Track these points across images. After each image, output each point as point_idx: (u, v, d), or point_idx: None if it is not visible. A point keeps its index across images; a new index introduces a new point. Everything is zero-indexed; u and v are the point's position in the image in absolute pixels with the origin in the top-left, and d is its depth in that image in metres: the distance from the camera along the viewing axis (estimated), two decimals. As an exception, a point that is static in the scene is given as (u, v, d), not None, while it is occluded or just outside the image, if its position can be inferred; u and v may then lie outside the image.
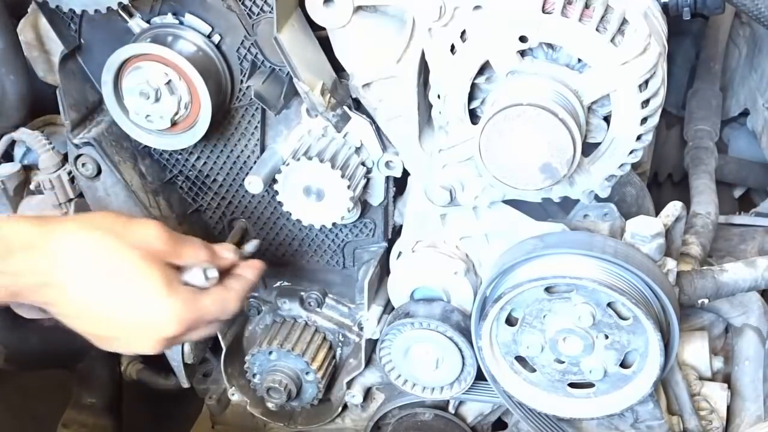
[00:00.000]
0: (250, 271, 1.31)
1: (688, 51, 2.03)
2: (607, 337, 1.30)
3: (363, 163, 1.36)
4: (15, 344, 1.66)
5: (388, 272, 1.47)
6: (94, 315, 1.17)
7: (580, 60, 1.13)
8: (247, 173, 1.36)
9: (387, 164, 1.36)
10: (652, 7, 1.18)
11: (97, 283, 1.15)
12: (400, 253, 1.44)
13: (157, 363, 1.78)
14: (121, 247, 1.15)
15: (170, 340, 1.20)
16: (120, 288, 1.16)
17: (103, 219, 1.20)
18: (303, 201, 1.35)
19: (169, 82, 1.28)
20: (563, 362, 1.34)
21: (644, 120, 1.16)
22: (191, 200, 1.50)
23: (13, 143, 1.50)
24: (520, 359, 1.37)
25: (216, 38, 1.30)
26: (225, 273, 1.28)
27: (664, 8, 1.25)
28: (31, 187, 1.51)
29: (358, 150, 1.35)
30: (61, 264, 1.13)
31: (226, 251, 1.29)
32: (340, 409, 1.65)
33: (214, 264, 1.25)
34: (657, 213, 1.38)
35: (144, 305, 1.16)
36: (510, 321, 1.33)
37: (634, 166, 1.30)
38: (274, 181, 1.35)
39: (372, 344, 1.54)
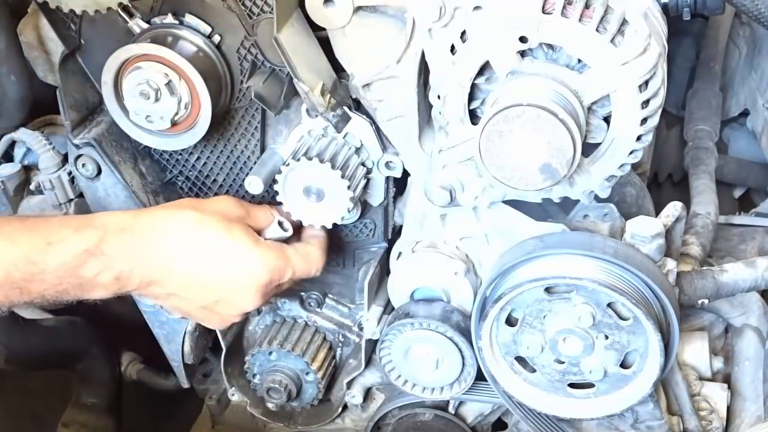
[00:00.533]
0: (317, 230, 1.39)
1: (688, 51, 2.03)
2: (607, 337, 1.30)
3: (363, 164, 1.36)
4: (15, 344, 1.66)
5: (388, 272, 1.47)
6: (197, 283, 1.27)
7: (580, 60, 1.13)
8: (247, 173, 1.36)
9: (387, 164, 1.36)
10: (652, 7, 1.18)
11: (193, 253, 1.25)
12: (400, 253, 1.44)
13: (157, 363, 1.78)
14: (203, 217, 1.27)
15: (266, 288, 1.30)
16: (213, 252, 1.26)
17: (181, 202, 1.34)
18: (303, 201, 1.35)
19: (169, 83, 1.27)
20: (563, 362, 1.34)
21: (644, 120, 1.16)
22: (191, 200, 1.50)
23: (13, 143, 1.50)
24: (520, 359, 1.37)
25: (216, 38, 1.30)
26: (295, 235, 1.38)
27: (664, 8, 1.25)
28: (31, 187, 1.51)
29: (358, 150, 1.35)
30: (155, 244, 1.24)
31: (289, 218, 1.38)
32: (340, 409, 1.65)
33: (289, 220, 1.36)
34: (657, 213, 1.39)
35: (237, 260, 1.27)
36: (510, 321, 1.33)
37: (634, 167, 1.30)
38: (274, 181, 1.34)
39: (372, 344, 1.54)
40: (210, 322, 1.36)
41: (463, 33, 1.15)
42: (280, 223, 1.35)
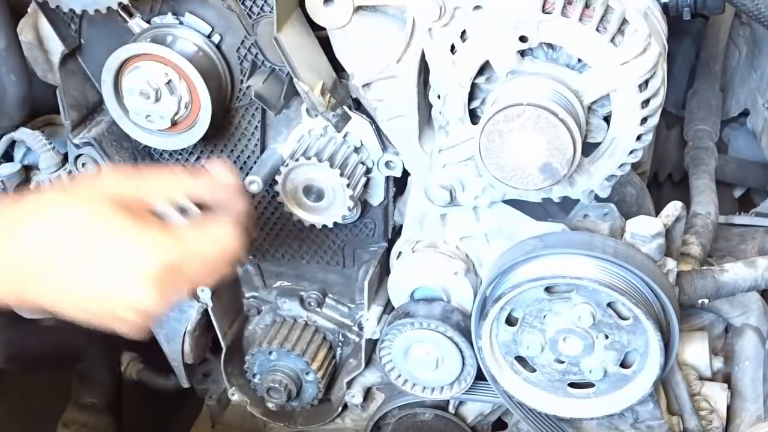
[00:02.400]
0: (233, 198, 1.18)
1: (688, 51, 2.03)
2: (607, 337, 1.30)
3: (363, 163, 1.36)
4: (15, 344, 1.66)
5: (388, 272, 1.47)
6: (78, 282, 1.05)
7: (580, 60, 1.13)
8: (247, 173, 1.36)
9: (387, 164, 1.36)
10: (652, 7, 1.18)
11: (67, 246, 1.04)
12: (400, 253, 1.44)
13: (157, 363, 1.78)
14: (70, 201, 1.06)
15: (162, 278, 1.05)
16: (94, 242, 1.04)
17: (56, 188, 1.14)
18: (303, 201, 1.35)
19: (169, 82, 1.28)
20: (563, 362, 1.34)
21: (644, 120, 1.16)
22: (191, 200, 1.50)
23: (13, 143, 1.50)
24: (520, 359, 1.37)
25: (216, 38, 1.30)
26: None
27: (664, 8, 1.25)
28: (31, 187, 1.50)
29: (358, 150, 1.35)
30: (24, 241, 1.04)
31: (200, 186, 1.17)
32: (340, 409, 1.65)
33: (189, 198, 1.14)
34: (657, 213, 1.38)
35: (115, 247, 1.04)
36: (510, 321, 1.33)
37: (634, 166, 1.30)
38: (274, 181, 1.35)
39: (372, 344, 1.54)
40: (117, 328, 1.10)
41: (463, 33, 1.15)
42: (180, 208, 1.13)
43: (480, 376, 1.43)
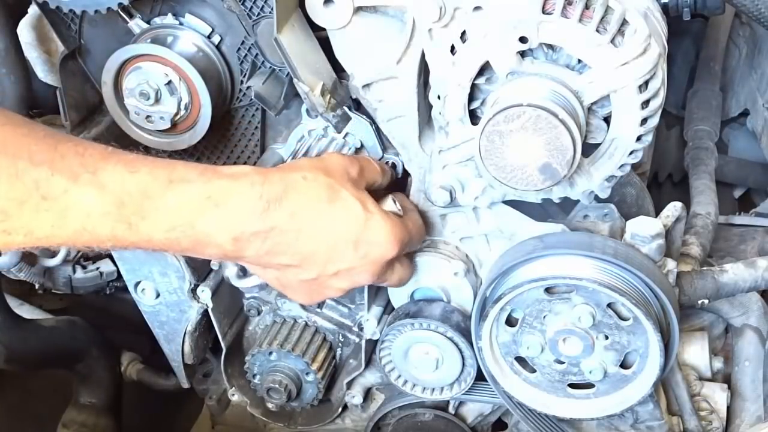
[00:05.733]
0: (407, 199, 1.34)
1: (688, 51, 2.03)
2: (607, 337, 1.30)
3: (363, 164, 1.36)
4: (15, 344, 1.65)
5: (388, 272, 1.47)
6: (323, 256, 1.16)
7: (580, 61, 1.13)
8: (247, 174, 1.36)
9: (387, 164, 1.36)
10: (652, 7, 1.18)
11: (326, 222, 1.15)
12: (400, 253, 1.44)
13: (157, 363, 1.78)
14: (335, 184, 1.16)
15: (388, 264, 1.22)
16: (348, 223, 1.16)
17: (301, 162, 1.23)
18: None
19: (169, 83, 1.28)
20: (563, 363, 1.34)
21: (644, 121, 1.16)
22: (191, 200, 1.50)
23: (13, 143, 1.49)
24: (520, 360, 1.37)
25: (216, 39, 1.30)
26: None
27: (664, 8, 1.25)
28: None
29: (358, 150, 1.35)
30: (286, 208, 1.11)
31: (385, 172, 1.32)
32: (340, 409, 1.65)
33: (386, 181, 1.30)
34: (657, 213, 1.38)
35: (371, 232, 1.17)
36: (510, 322, 1.33)
37: (634, 167, 1.30)
38: (274, 181, 1.34)
39: (372, 345, 1.54)
40: (309, 297, 1.26)
41: (463, 33, 1.15)
42: (393, 199, 1.28)
43: (480, 377, 1.43)
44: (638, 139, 1.17)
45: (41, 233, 0.99)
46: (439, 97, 1.20)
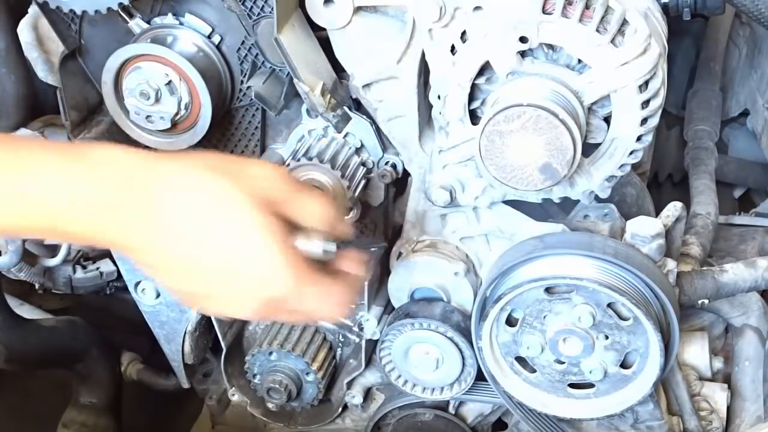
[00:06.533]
0: (359, 267, 1.10)
1: (688, 51, 2.03)
2: (607, 337, 1.30)
3: (363, 164, 1.36)
4: (15, 344, 1.65)
5: (388, 272, 1.47)
6: (196, 269, 1.00)
7: (580, 61, 1.13)
8: (248, 174, 1.36)
9: (387, 164, 1.36)
10: (652, 7, 1.18)
11: (198, 230, 0.98)
12: (400, 253, 1.44)
13: (157, 363, 1.78)
14: (238, 195, 0.98)
15: (273, 304, 1.02)
16: (226, 237, 0.98)
17: (215, 159, 1.03)
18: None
19: (169, 83, 1.28)
20: (563, 363, 1.34)
21: (644, 121, 1.16)
22: (191, 200, 1.50)
23: (13, 143, 1.49)
24: (520, 360, 1.37)
25: (216, 39, 1.30)
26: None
27: (664, 8, 1.25)
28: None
29: (358, 150, 1.35)
30: (159, 204, 0.96)
31: (345, 225, 1.10)
32: (340, 409, 1.65)
33: (334, 235, 1.06)
34: (657, 213, 1.39)
35: (254, 258, 0.99)
36: (510, 321, 1.33)
37: (634, 167, 1.30)
38: (275, 181, 1.34)
39: (372, 344, 1.54)
40: (187, 304, 1.13)
41: (464, 33, 1.15)
42: (324, 243, 1.05)
43: (480, 377, 1.43)
44: (638, 139, 1.17)
45: None
46: (439, 97, 1.20)
